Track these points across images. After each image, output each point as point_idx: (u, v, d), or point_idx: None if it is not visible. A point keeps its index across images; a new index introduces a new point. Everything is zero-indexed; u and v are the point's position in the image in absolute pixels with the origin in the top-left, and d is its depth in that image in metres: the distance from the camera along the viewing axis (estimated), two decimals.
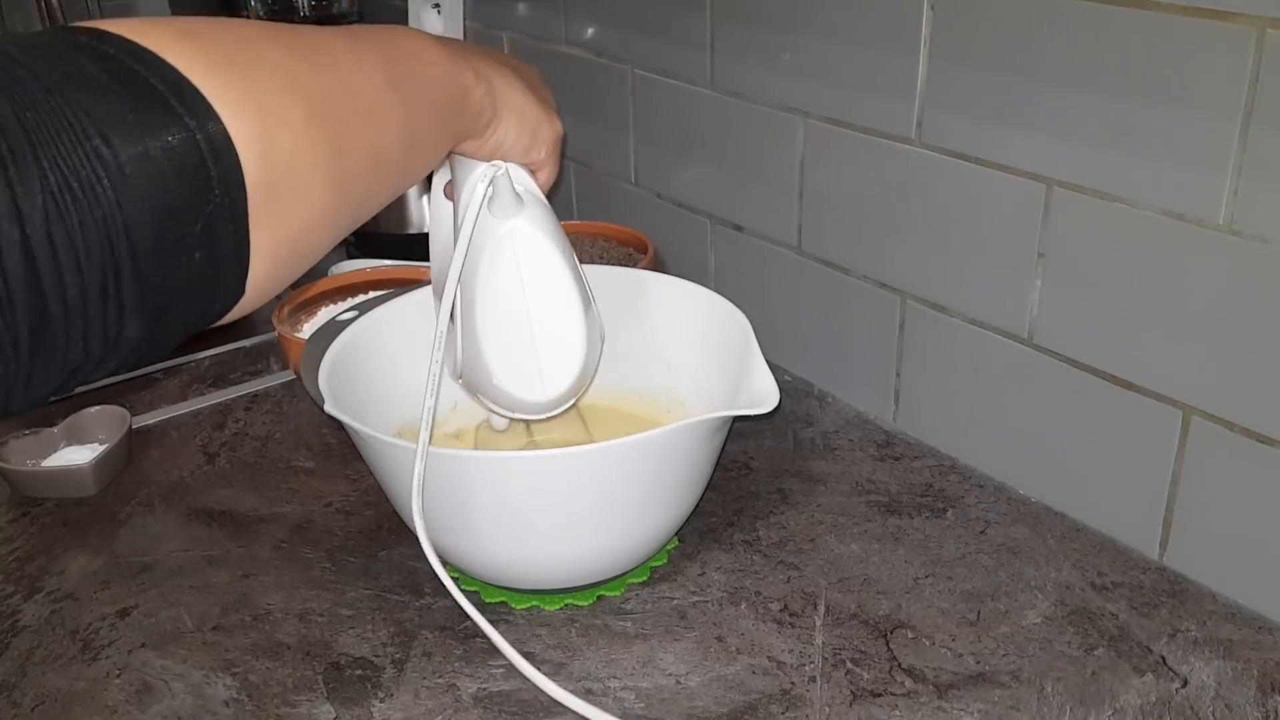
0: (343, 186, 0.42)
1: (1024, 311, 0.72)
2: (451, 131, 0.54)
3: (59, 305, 0.33)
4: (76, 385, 0.36)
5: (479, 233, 0.62)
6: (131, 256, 0.34)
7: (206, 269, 0.37)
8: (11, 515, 0.77)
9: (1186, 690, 0.58)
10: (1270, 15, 0.55)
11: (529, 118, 0.59)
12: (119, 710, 0.60)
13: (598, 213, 1.10)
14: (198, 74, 0.36)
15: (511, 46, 1.15)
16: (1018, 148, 0.69)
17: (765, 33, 0.84)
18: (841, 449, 0.82)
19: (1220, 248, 0.60)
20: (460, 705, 0.59)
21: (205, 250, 0.36)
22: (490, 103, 0.56)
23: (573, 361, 0.65)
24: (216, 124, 0.36)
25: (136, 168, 0.34)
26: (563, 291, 0.63)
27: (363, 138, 0.44)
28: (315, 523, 0.75)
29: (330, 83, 0.42)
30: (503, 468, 0.60)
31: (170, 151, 0.34)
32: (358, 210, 0.46)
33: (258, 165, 0.37)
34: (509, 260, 0.62)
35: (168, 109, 0.35)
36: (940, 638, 0.63)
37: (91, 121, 0.33)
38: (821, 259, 0.86)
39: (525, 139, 0.59)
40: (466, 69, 0.53)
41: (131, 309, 0.35)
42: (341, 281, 0.94)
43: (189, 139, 0.35)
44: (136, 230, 0.34)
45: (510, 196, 0.61)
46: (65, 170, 0.32)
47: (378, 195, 0.47)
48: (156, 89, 0.35)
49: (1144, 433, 0.67)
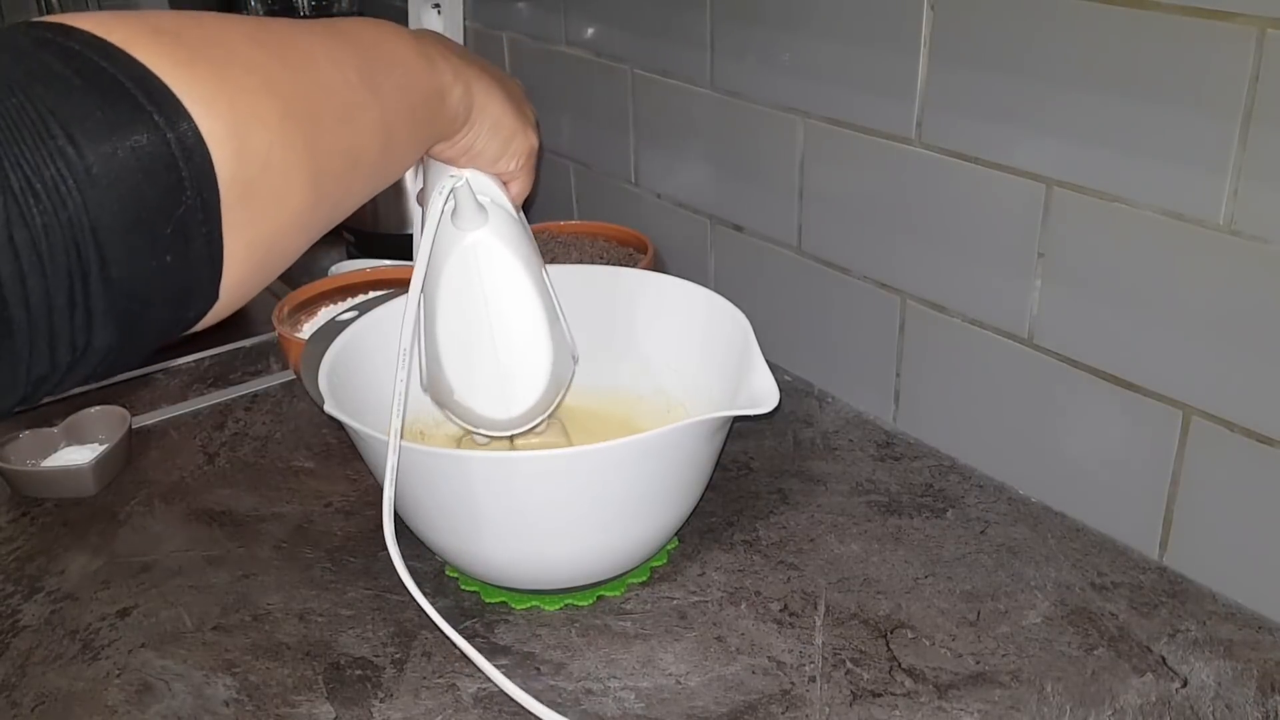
0: (319, 187, 0.41)
1: (1024, 311, 0.72)
2: (428, 132, 0.53)
3: (22, 312, 0.31)
4: (45, 395, 0.35)
5: (443, 244, 0.60)
6: (100, 261, 0.33)
7: (179, 273, 0.36)
8: (11, 515, 0.77)
9: (1186, 690, 0.58)
10: (1270, 15, 0.55)
11: (503, 125, 0.58)
12: (119, 710, 0.60)
13: (598, 213, 1.10)
14: (167, 71, 0.35)
15: (511, 46, 1.15)
16: (1018, 148, 0.69)
17: (765, 32, 0.84)
18: (841, 449, 0.82)
19: (1220, 248, 0.60)
20: (460, 705, 0.59)
21: (177, 253, 0.35)
22: (466, 105, 0.54)
23: (536, 380, 0.63)
24: (187, 122, 0.34)
25: (104, 168, 0.32)
26: (527, 308, 0.62)
27: (339, 137, 0.42)
28: (315, 523, 0.75)
29: (305, 81, 0.41)
30: (503, 468, 0.60)
31: (139, 151, 0.33)
32: (334, 211, 0.44)
33: (231, 164, 0.36)
34: (472, 273, 0.61)
35: (136, 107, 0.33)
36: (940, 638, 0.63)
37: (56, 120, 0.32)
38: (821, 259, 0.86)
39: (496, 146, 0.58)
40: (445, 69, 0.52)
41: (101, 316, 0.34)
42: (341, 281, 0.94)
43: (159, 138, 0.34)
44: (105, 233, 0.33)
45: (472, 208, 0.59)
46: (28, 171, 0.31)
47: (354, 196, 0.46)
48: (125, 86, 0.33)
49: (1144, 433, 0.67)
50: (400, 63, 0.49)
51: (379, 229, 1.12)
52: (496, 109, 0.57)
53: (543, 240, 0.95)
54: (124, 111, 0.33)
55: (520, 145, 0.59)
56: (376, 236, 1.12)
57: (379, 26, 0.49)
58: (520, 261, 0.61)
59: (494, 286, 0.61)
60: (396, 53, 0.48)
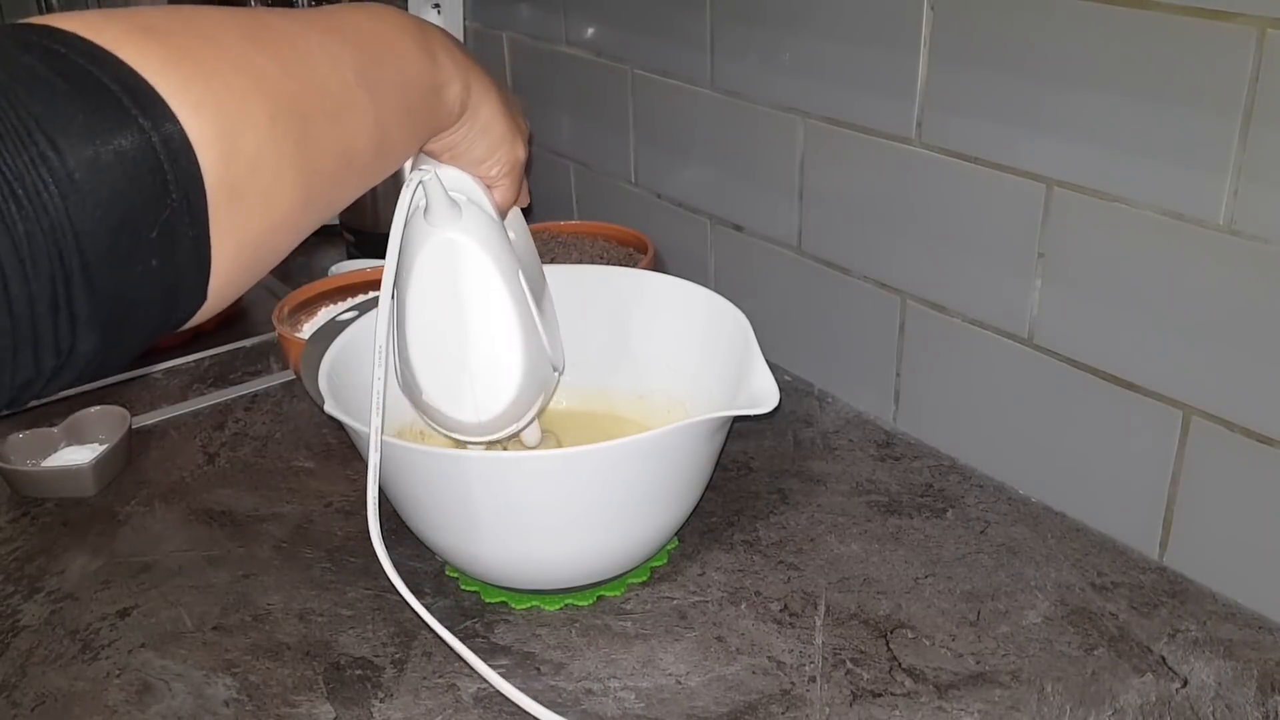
0: (309, 187, 0.41)
1: (1024, 311, 0.72)
2: (424, 129, 0.52)
3: (4, 318, 0.31)
4: (30, 399, 0.35)
5: (415, 240, 0.59)
6: (83, 267, 0.32)
7: (165, 276, 0.35)
8: (11, 515, 0.77)
9: (1186, 690, 0.58)
10: (1270, 15, 0.55)
11: (493, 129, 0.57)
12: (119, 710, 0.60)
13: (598, 213, 1.10)
14: (154, 72, 0.34)
15: (511, 46, 1.16)
16: (1018, 148, 0.69)
17: (765, 33, 0.84)
18: (841, 449, 0.82)
19: (1220, 248, 0.60)
20: (460, 705, 0.59)
21: (163, 257, 0.35)
22: (462, 102, 0.53)
23: (506, 386, 0.62)
24: (173, 124, 0.34)
25: (87, 173, 0.32)
26: (498, 311, 0.60)
27: (332, 137, 0.42)
28: (315, 523, 0.75)
29: (300, 80, 0.40)
30: (503, 468, 0.60)
31: (123, 155, 0.33)
32: (326, 209, 0.44)
33: (218, 167, 0.35)
34: (443, 272, 0.59)
35: (121, 110, 0.33)
36: (940, 638, 0.63)
37: (38, 125, 0.31)
38: (821, 259, 0.86)
39: (483, 148, 0.57)
40: (446, 62, 0.51)
41: (85, 321, 0.33)
42: (341, 281, 0.94)
43: (143, 141, 0.33)
44: (88, 239, 0.32)
45: (443, 203, 0.58)
46: (9, 176, 0.30)
47: (347, 193, 0.45)
48: (109, 89, 0.33)
49: (1144, 433, 0.67)
50: (400, 58, 0.48)
51: (379, 229, 1.12)
52: (489, 111, 0.56)
53: (542, 240, 0.95)
54: (108, 115, 0.33)
55: (507, 153, 0.58)
56: (376, 236, 1.12)
57: (381, 16, 0.48)
58: (493, 263, 0.59)
59: (465, 287, 0.59)
60: (397, 47, 0.48)
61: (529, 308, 0.61)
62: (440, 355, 0.61)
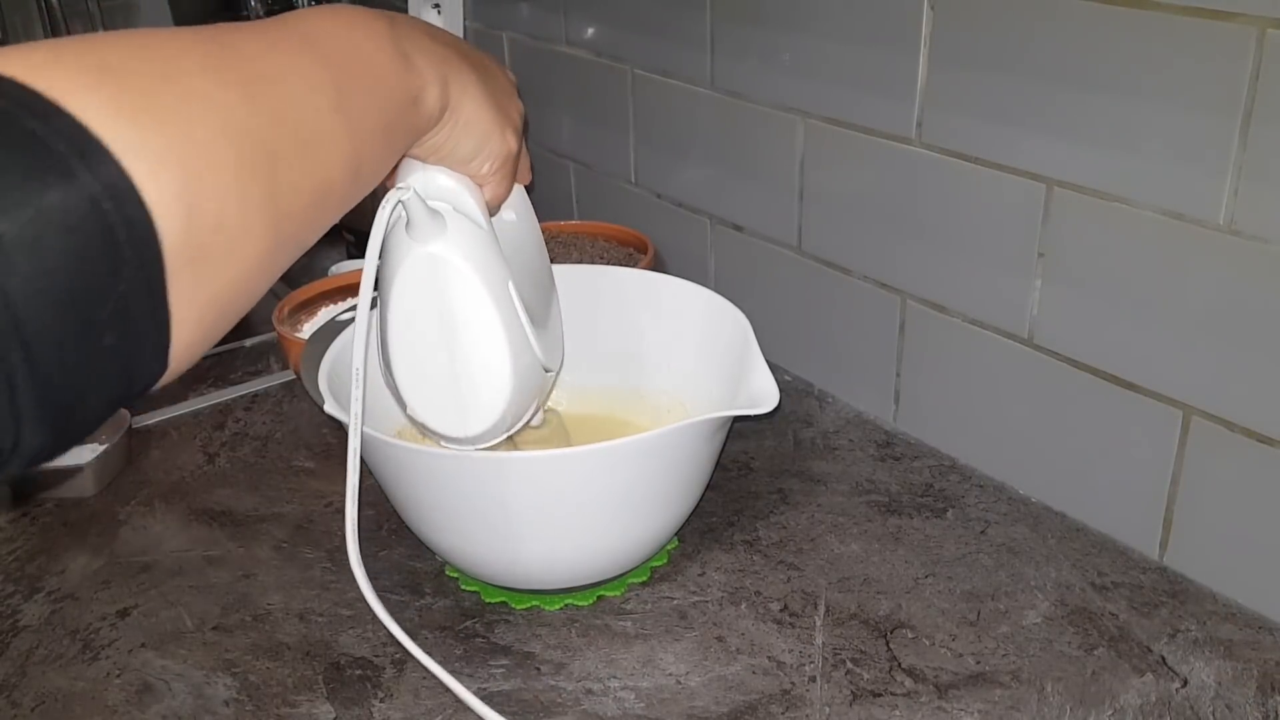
0: (279, 232, 0.37)
1: (1024, 311, 0.72)
2: (402, 144, 0.49)
3: None
4: None
5: (396, 255, 0.57)
6: (26, 359, 0.28)
7: (119, 353, 0.32)
8: (11, 515, 0.77)
9: (1186, 690, 0.58)
10: (1270, 15, 0.55)
11: (477, 126, 0.53)
12: (119, 710, 0.60)
13: (598, 213, 1.10)
14: (107, 123, 0.30)
15: (511, 46, 1.16)
16: (1018, 148, 0.69)
17: (765, 33, 0.84)
18: (841, 449, 0.82)
19: (1220, 248, 0.60)
20: (460, 705, 0.59)
21: (117, 333, 0.31)
22: (441, 104, 0.50)
23: (496, 401, 0.60)
24: (126, 185, 0.30)
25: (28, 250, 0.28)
26: (485, 327, 0.58)
27: (303, 174, 0.38)
28: (315, 523, 0.75)
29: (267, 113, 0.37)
30: (502, 468, 0.60)
31: (69, 228, 0.29)
32: (297, 250, 0.40)
33: (180, 229, 0.32)
34: (426, 288, 0.57)
35: (66, 173, 0.29)
36: (940, 638, 0.63)
37: None
38: (821, 259, 0.86)
39: (468, 147, 0.54)
40: (422, 66, 0.48)
41: (31, 416, 0.30)
42: (341, 281, 0.94)
43: (93, 209, 0.29)
44: (30, 325, 0.28)
45: (425, 218, 0.55)
46: None
47: (319, 230, 0.42)
48: (54, 150, 0.29)
49: (1144, 433, 0.67)
50: (375, 70, 0.44)
51: None
52: (471, 106, 0.52)
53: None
54: (51, 180, 0.29)
55: (496, 148, 0.55)
56: None
57: (352, 22, 0.44)
58: (479, 278, 0.56)
59: (450, 304, 0.57)
60: (371, 60, 0.44)
61: (518, 319, 0.59)
62: (427, 372, 0.59)
